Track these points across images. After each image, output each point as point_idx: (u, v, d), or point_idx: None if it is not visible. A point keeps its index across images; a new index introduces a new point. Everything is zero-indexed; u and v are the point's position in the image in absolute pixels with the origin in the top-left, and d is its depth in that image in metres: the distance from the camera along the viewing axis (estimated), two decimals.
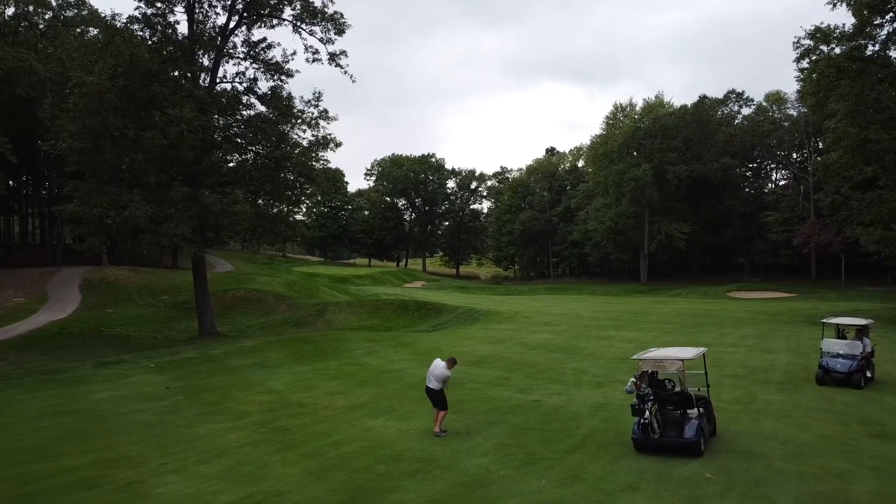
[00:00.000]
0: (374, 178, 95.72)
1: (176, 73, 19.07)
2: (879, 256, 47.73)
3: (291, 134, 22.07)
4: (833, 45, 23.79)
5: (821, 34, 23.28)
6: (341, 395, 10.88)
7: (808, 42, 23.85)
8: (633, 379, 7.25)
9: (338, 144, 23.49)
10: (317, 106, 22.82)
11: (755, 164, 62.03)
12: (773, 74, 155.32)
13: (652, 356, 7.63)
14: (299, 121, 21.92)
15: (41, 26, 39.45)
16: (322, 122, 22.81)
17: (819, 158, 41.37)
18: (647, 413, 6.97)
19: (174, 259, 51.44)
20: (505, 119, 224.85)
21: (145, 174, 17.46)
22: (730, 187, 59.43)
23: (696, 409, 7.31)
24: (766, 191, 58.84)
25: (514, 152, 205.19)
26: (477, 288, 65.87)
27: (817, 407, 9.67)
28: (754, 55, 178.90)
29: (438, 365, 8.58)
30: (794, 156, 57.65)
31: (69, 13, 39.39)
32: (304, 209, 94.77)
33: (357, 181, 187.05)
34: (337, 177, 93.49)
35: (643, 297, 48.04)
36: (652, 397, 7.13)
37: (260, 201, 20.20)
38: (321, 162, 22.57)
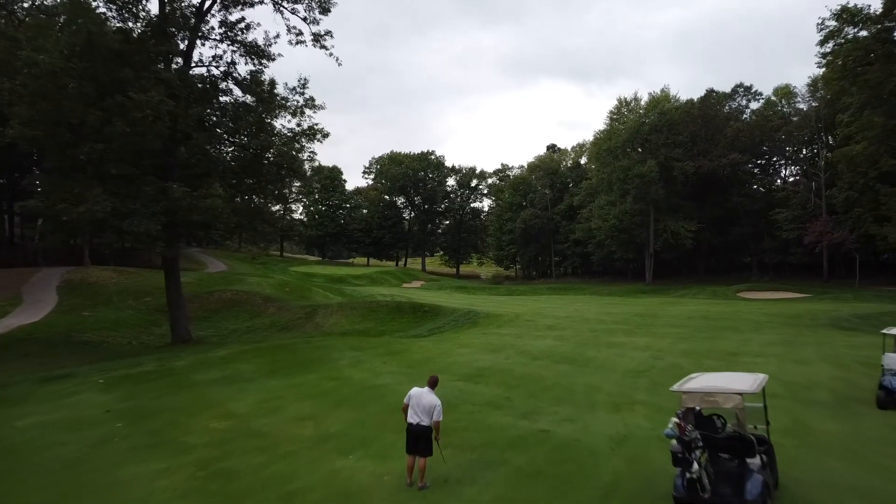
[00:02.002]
0: (372, 176, 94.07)
1: (145, 56, 17.30)
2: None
3: (274, 123, 20.50)
4: (859, 27, 22.05)
5: (847, 14, 21.49)
6: (311, 422, 9.15)
7: (832, 23, 22.08)
8: (674, 419, 5.46)
9: (325, 135, 21.78)
10: (302, 94, 21.15)
11: (763, 161, 60.12)
12: (774, 74, 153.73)
13: (699, 387, 5.83)
14: (282, 109, 20.28)
15: (19, 14, 37.69)
16: (308, 111, 21.14)
17: (832, 153, 39.55)
18: (696, 465, 5.21)
19: (164, 259, 49.79)
20: (504, 118, 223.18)
21: (107, 165, 15.75)
22: (737, 184, 57.65)
23: (757, 457, 5.58)
24: (776, 187, 56.95)
25: (514, 152, 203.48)
26: (477, 288, 64.14)
27: (886, 439, 7.95)
28: (754, 54, 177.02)
29: (424, 396, 6.54)
30: (804, 151, 55.77)
31: (48, 1, 37.61)
32: (302, 207, 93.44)
33: (357, 180, 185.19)
34: (334, 174, 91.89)
35: (649, 297, 46.28)
36: (701, 444, 5.36)
37: (238, 198, 18.45)
38: (307, 153, 20.87)
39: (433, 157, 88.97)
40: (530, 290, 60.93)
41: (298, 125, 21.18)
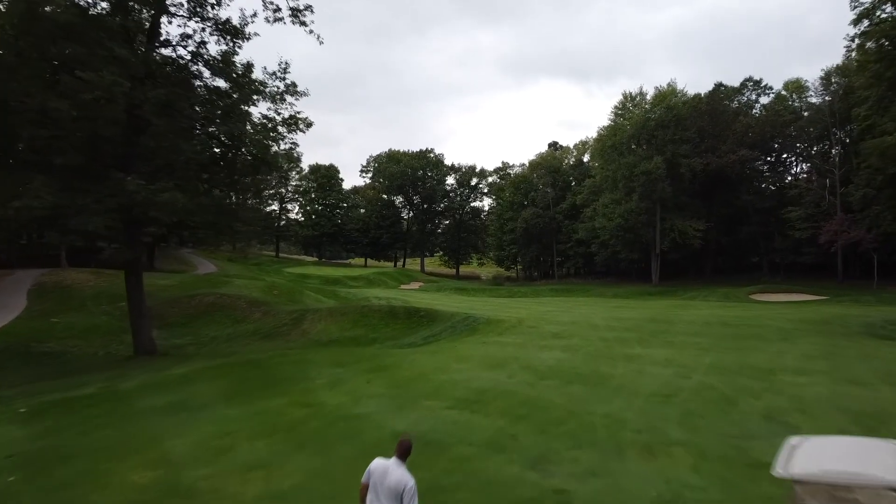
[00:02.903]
0: (370, 174, 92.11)
1: (100, 33, 15.31)
2: None
3: (251, 110, 18.52)
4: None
5: None
6: (261, 472, 7.16)
7: (867, 0, 20.12)
8: None
9: (308, 125, 19.79)
10: (283, 79, 19.21)
11: (772, 157, 58.05)
12: (775, 74, 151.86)
13: (823, 474, 3.74)
14: (259, 95, 18.29)
15: None
16: (289, 98, 19.20)
17: (864, 144, 37.29)
18: None
19: (150, 259, 47.75)
20: (504, 118, 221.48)
21: (53, 155, 13.78)
22: (746, 181, 55.64)
23: None
24: (786, 184, 54.90)
25: (514, 152, 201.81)
26: (477, 289, 62.17)
27: None
28: (754, 54, 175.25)
29: (390, 472, 4.25)
30: (815, 147, 53.69)
31: None
32: (298, 206, 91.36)
33: (356, 181, 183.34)
34: (331, 173, 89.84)
35: (657, 300, 44.27)
36: None
37: (209, 193, 16.45)
38: (288, 143, 18.87)
39: (432, 156, 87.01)
40: (532, 291, 58.94)
41: (279, 113, 19.32)
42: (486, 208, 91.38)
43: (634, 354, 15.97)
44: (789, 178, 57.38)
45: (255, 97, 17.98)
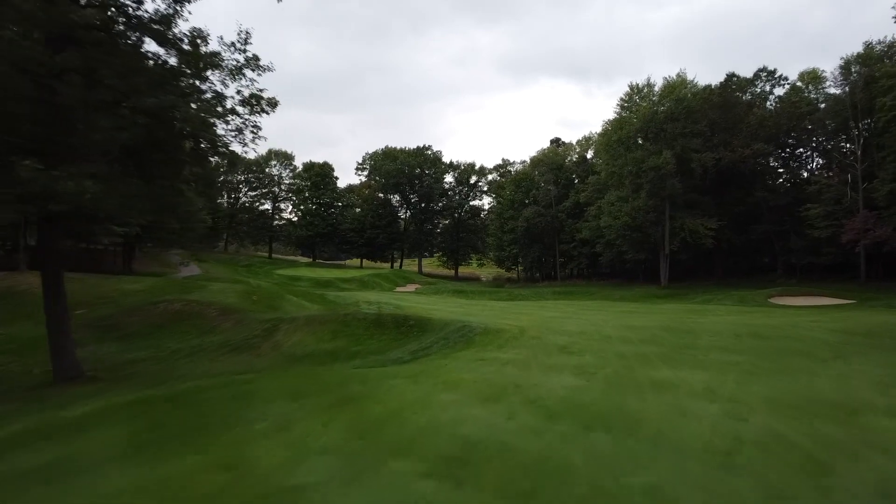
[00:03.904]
0: (366, 172, 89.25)
1: None
2: None
3: (203, 87, 15.59)
4: None
5: None
6: None
7: None
8: None
9: (273, 104, 16.89)
10: (243, 51, 16.33)
11: (787, 152, 55.10)
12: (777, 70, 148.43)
13: None
14: (213, 68, 15.38)
15: None
16: (249, 73, 16.31)
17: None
18: None
19: (126, 261, 44.89)
20: (503, 117, 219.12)
21: None
22: (760, 177, 52.72)
23: None
24: (804, 179, 51.95)
25: (514, 152, 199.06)
26: (476, 291, 59.23)
27: None
28: (754, 53, 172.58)
29: None
30: (834, 140, 50.71)
31: None
32: (292, 206, 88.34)
33: (353, 179, 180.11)
34: (325, 171, 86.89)
35: (668, 303, 41.35)
36: None
37: (138, 181, 13.54)
38: (249, 125, 15.92)
39: (429, 153, 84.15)
40: (534, 293, 56.02)
41: (238, 92, 16.42)
42: (486, 207, 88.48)
43: (664, 380, 13.00)
44: (805, 174, 54.47)
45: (209, 69, 15.10)
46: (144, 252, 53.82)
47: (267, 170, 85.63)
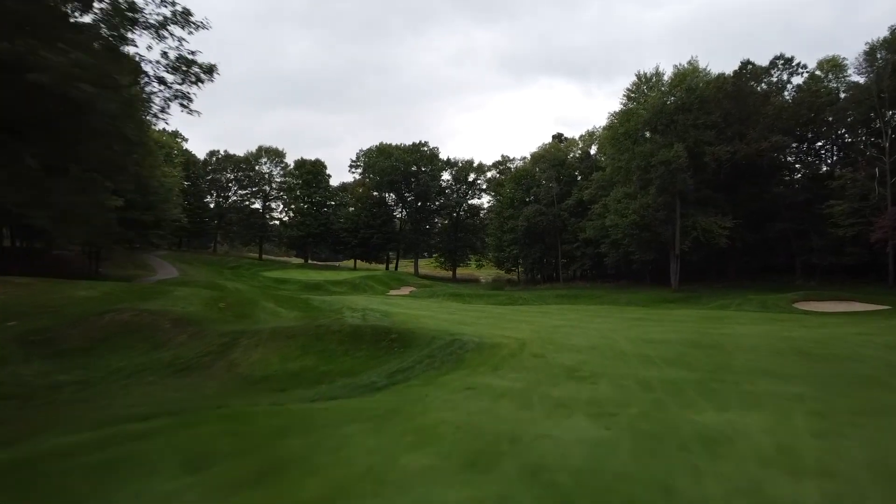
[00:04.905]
0: (360, 170, 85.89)
1: None
2: None
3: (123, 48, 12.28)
4: None
5: None
6: None
7: None
8: None
9: (208, 69, 13.60)
10: (171, 3, 13.06)
11: (805, 145, 51.68)
12: None
13: None
14: (127, 22, 12.08)
15: None
16: (176, 30, 13.02)
17: None
18: None
19: (95, 263, 41.61)
20: (503, 117, 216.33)
21: None
22: (777, 172, 49.33)
23: None
24: (826, 174, 48.54)
25: (513, 151, 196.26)
26: (473, 295, 55.82)
27: None
28: (753, 52, 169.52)
29: None
30: (859, 132, 47.28)
31: None
32: (283, 204, 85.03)
33: (346, 178, 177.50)
34: (317, 169, 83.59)
35: (681, 309, 37.98)
36: None
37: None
38: (174, 93, 12.65)
39: (425, 149, 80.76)
40: (535, 297, 52.62)
41: (164, 55, 13.11)
42: (486, 206, 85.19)
43: (712, 429, 9.59)
44: (824, 168, 51.08)
45: (118, 20, 11.79)
46: (120, 255, 50.62)
47: (257, 167, 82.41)
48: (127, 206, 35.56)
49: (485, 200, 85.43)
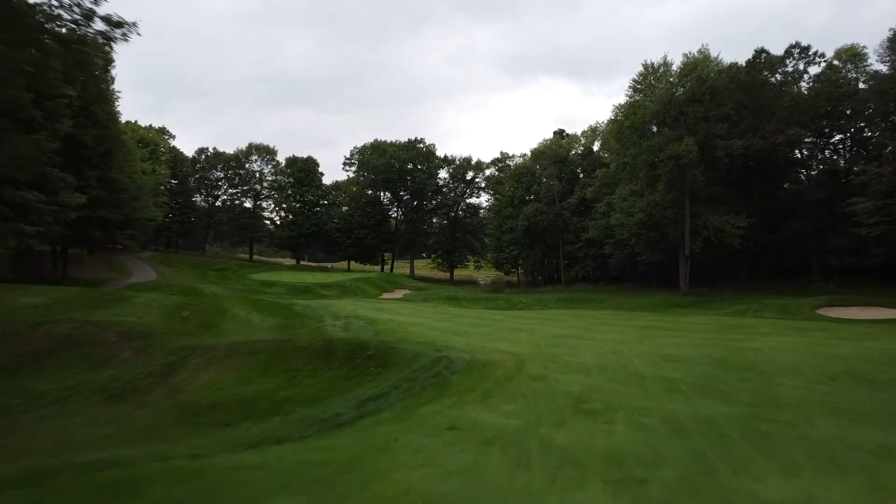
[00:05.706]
0: (353, 168, 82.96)
1: None
2: None
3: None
4: None
5: None
6: None
7: None
8: None
9: (120, 25, 10.73)
10: None
11: (823, 139, 48.66)
12: None
13: None
14: None
15: None
16: None
17: None
18: None
19: (62, 266, 38.71)
20: (503, 117, 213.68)
21: None
22: (793, 168, 46.35)
23: None
24: (844, 169, 45.54)
25: (513, 150, 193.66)
26: (470, 298, 52.88)
27: None
28: (753, 50, 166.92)
29: None
30: (884, 124, 44.25)
31: None
32: (273, 203, 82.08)
33: (341, 175, 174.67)
34: (309, 167, 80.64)
35: (694, 315, 35.03)
36: None
37: None
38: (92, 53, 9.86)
39: (422, 146, 77.78)
40: (536, 300, 49.68)
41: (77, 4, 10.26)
42: (484, 205, 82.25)
43: None
44: (843, 164, 48.07)
45: None
46: (97, 257, 47.73)
47: (248, 165, 79.51)
48: (91, 203, 32.88)
49: (483, 199, 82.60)
